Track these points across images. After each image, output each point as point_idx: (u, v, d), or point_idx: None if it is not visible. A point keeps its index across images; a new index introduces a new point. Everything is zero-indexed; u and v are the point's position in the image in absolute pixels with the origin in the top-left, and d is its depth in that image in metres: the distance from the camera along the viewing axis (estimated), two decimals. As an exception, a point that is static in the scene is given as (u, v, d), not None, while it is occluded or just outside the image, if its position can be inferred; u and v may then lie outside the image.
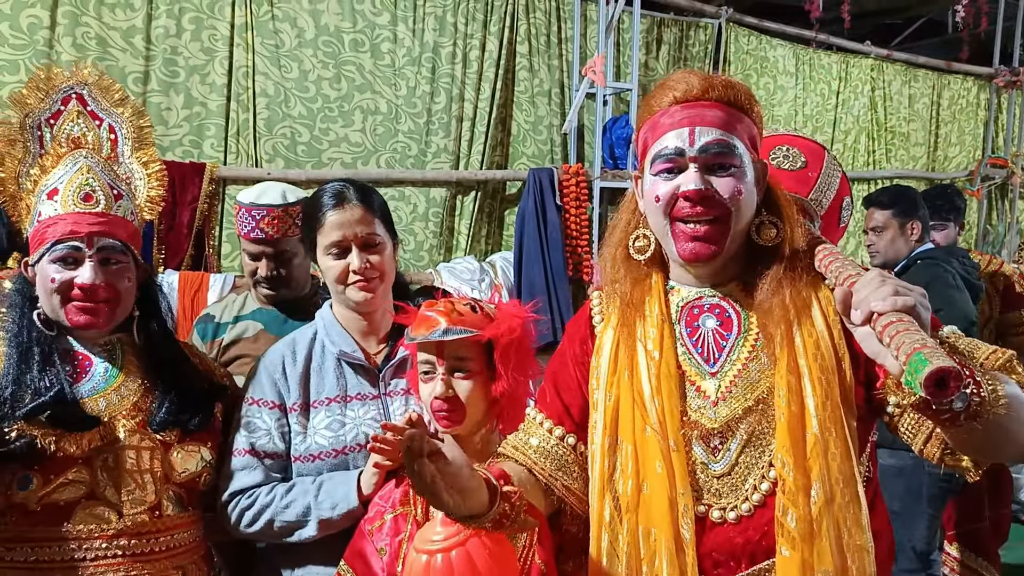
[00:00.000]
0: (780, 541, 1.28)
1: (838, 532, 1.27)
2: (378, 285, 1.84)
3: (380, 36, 4.26)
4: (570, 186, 4.62)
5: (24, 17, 3.46)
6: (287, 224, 2.39)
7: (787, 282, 1.36)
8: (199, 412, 1.74)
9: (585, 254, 4.69)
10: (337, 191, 1.83)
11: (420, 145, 4.41)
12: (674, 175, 1.36)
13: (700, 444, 1.36)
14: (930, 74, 6.52)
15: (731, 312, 1.42)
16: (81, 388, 1.64)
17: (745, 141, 1.38)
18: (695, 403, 1.38)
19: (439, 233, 4.47)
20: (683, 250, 1.37)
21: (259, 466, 1.78)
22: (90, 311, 1.64)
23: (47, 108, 1.76)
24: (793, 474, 1.27)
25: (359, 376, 1.85)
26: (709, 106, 1.36)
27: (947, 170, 6.69)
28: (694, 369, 1.40)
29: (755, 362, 1.37)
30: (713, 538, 1.34)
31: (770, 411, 1.33)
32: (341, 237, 1.80)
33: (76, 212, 1.65)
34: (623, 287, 1.46)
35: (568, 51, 4.85)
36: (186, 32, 3.81)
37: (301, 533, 1.74)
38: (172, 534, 1.67)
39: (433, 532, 1.41)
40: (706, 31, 5.35)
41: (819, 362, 1.31)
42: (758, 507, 1.33)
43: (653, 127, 1.40)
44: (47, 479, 1.56)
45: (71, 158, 1.71)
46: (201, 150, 3.88)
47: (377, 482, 1.71)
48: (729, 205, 1.34)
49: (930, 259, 3.33)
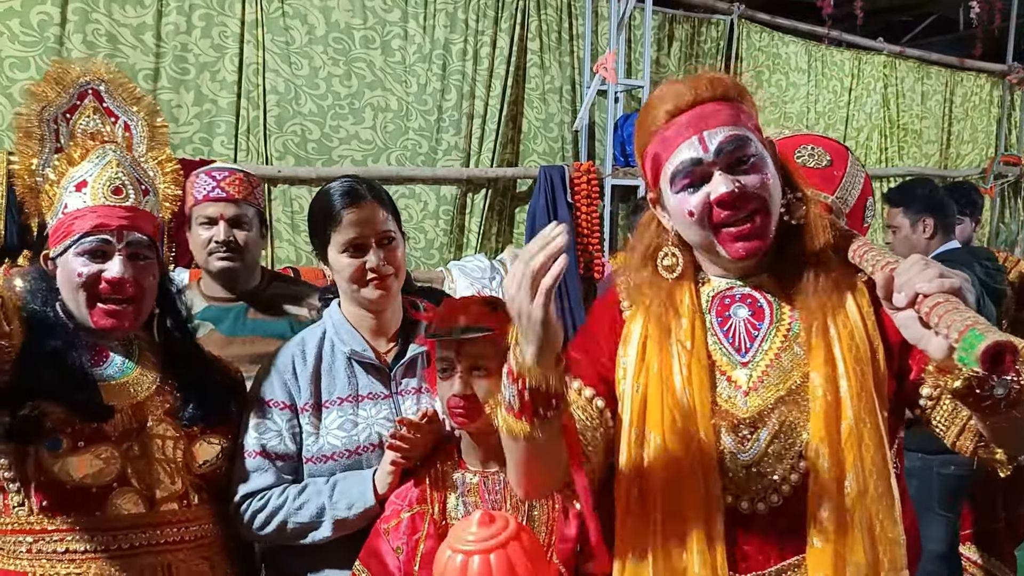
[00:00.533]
0: (812, 532, 1.27)
1: (871, 524, 1.26)
2: (393, 282, 1.82)
3: (391, 33, 4.25)
4: (581, 184, 4.61)
5: (34, 14, 3.46)
6: (248, 189, 2.36)
7: (821, 273, 1.35)
8: (222, 407, 1.75)
9: (596, 252, 4.67)
10: (350, 189, 1.81)
11: (430, 142, 4.39)
12: (699, 186, 1.33)
13: (730, 434, 1.34)
14: (943, 71, 6.49)
15: (763, 302, 1.40)
16: (100, 372, 1.63)
17: (751, 128, 1.35)
18: (726, 393, 1.36)
19: (449, 231, 4.45)
20: (735, 251, 1.34)
21: (271, 467, 1.76)
22: (116, 314, 1.62)
23: (64, 102, 1.74)
24: (827, 464, 1.26)
25: (370, 375, 1.83)
26: (706, 107, 1.33)
27: (959, 167, 6.66)
28: (725, 359, 1.39)
29: (788, 352, 1.36)
30: (743, 530, 1.32)
31: (802, 401, 1.32)
32: (359, 234, 1.77)
33: (106, 205, 1.63)
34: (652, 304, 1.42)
35: (579, 48, 4.83)
36: (196, 29, 3.80)
37: (315, 534, 1.72)
38: (200, 524, 1.67)
39: (468, 532, 1.40)
40: (718, 28, 5.33)
41: (853, 352, 1.30)
42: (788, 498, 1.31)
43: (660, 143, 1.35)
44: (76, 445, 1.55)
45: (100, 151, 1.69)
46: (211, 147, 3.86)
47: (392, 481, 1.69)
48: (763, 194, 1.32)
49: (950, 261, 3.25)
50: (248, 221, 2.36)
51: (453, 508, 1.65)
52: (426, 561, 1.57)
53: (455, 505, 1.65)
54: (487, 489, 1.64)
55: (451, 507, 1.65)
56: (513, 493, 1.61)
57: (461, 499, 1.65)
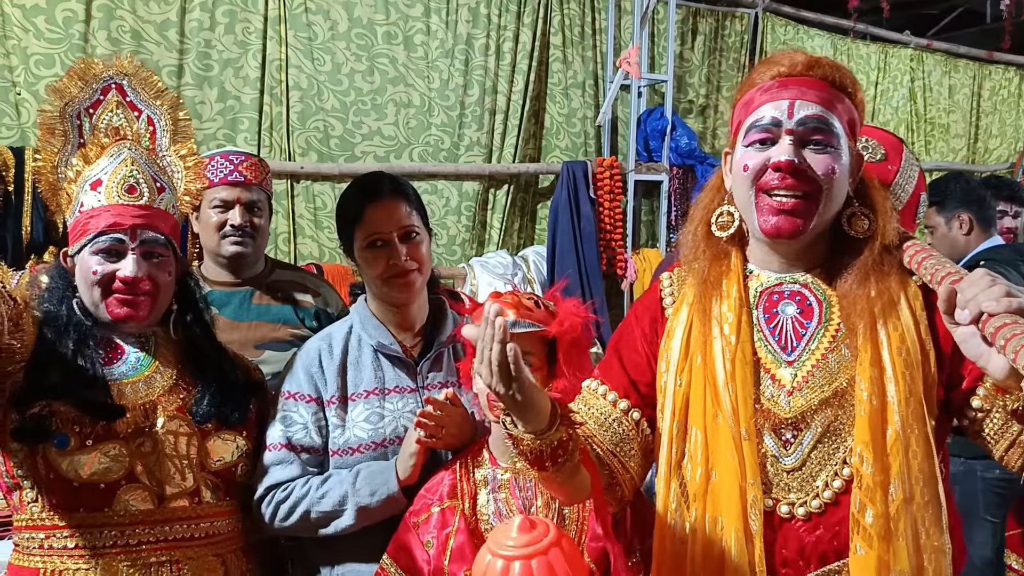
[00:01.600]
0: (855, 539, 1.24)
1: (915, 532, 1.23)
2: (417, 278, 1.82)
3: (413, 28, 4.23)
4: (604, 179, 4.57)
5: (59, 11, 3.48)
6: (262, 174, 2.37)
7: (874, 274, 1.31)
8: (238, 405, 1.73)
9: (619, 248, 4.64)
10: (375, 184, 1.81)
11: (453, 138, 4.38)
12: (767, 146, 1.32)
13: (771, 435, 1.32)
14: (970, 64, 6.39)
15: (812, 300, 1.37)
16: (112, 371, 1.64)
17: (844, 125, 1.34)
18: (769, 391, 1.34)
19: (471, 227, 4.44)
20: (765, 224, 1.32)
21: (295, 460, 1.76)
22: (131, 303, 1.63)
23: (87, 97, 1.74)
24: (872, 470, 1.24)
25: (396, 369, 1.83)
26: (812, 83, 1.33)
27: (987, 162, 6.56)
28: (770, 356, 1.36)
29: (835, 353, 1.33)
30: (782, 535, 1.30)
31: (848, 405, 1.29)
32: (381, 230, 1.78)
33: (120, 204, 1.63)
34: (701, 264, 1.42)
35: (602, 42, 4.79)
36: (220, 25, 3.80)
37: (338, 523, 1.72)
38: (212, 521, 1.66)
39: (508, 537, 1.40)
40: (742, 21, 5.27)
41: (903, 357, 1.27)
42: (830, 505, 1.29)
43: (751, 101, 1.37)
44: (83, 443, 1.55)
45: (115, 149, 1.69)
46: (234, 143, 3.86)
47: (415, 464, 1.69)
48: (821, 183, 1.30)
49: (993, 262, 3.17)
50: (261, 206, 2.37)
51: (484, 504, 1.64)
52: (456, 556, 1.57)
53: (486, 501, 1.64)
54: (518, 486, 1.64)
55: (482, 503, 1.64)
56: (544, 491, 1.60)
57: (492, 495, 1.64)
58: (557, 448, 1.26)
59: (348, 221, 1.82)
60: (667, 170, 4.76)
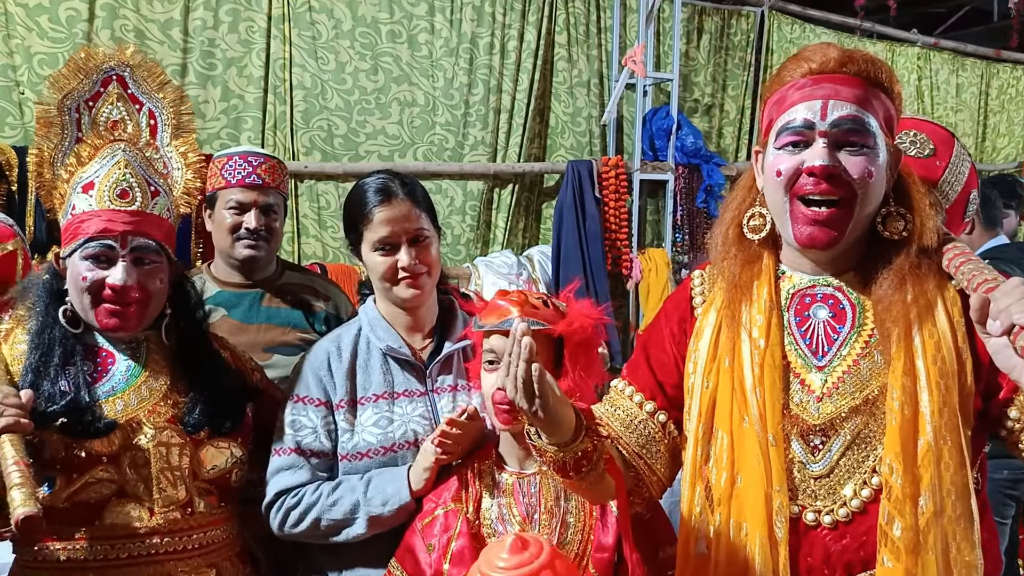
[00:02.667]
0: (883, 551, 1.22)
1: (946, 546, 1.20)
2: (426, 281, 1.79)
3: (417, 27, 4.22)
4: (609, 178, 4.56)
5: (63, 10, 3.47)
6: (280, 177, 2.34)
7: (911, 278, 1.27)
8: (232, 414, 1.69)
9: (624, 248, 4.63)
10: (384, 185, 1.77)
11: (457, 137, 4.36)
12: (800, 149, 1.28)
13: (799, 441, 1.29)
14: (978, 63, 6.36)
15: (846, 304, 1.34)
16: (99, 389, 1.59)
17: (881, 122, 1.29)
18: (798, 397, 1.31)
19: (476, 227, 4.42)
20: (800, 233, 1.29)
21: (305, 465, 1.74)
22: (119, 314, 1.60)
23: (87, 89, 1.69)
24: (901, 481, 1.21)
25: (406, 372, 1.81)
26: (846, 80, 1.28)
27: (995, 161, 6.52)
28: (800, 361, 1.33)
29: (867, 359, 1.29)
30: (808, 542, 1.27)
31: (879, 413, 1.26)
32: (390, 233, 1.75)
33: (111, 209, 1.59)
34: (732, 267, 1.39)
35: (607, 41, 4.77)
36: (223, 24, 3.79)
37: (349, 531, 1.70)
38: (205, 531, 1.63)
39: (499, 557, 1.38)
40: (748, 20, 5.25)
41: (939, 366, 1.23)
42: (857, 514, 1.26)
43: (782, 99, 1.32)
44: (70, 479, 1.53)
45: (108, 151, 1.65)
46: (238, 143, 3.84)
47: (428, 478, 1.67)
48: (856, 187, 1.26)
49: (999, 260, 3.14)
50: (277, 210, 2.34)
51: (487, 509, 1.63)
52: (456, 559, 1.56)
53: (489, 506, 1.63)
54: (522, 491, 1.62)
55: (486, 507, 1.63)
56: (548, 497, 1.59)
57: (496, 500, 1.63)
58: (581, 459, 1.26)
59: (357, 221, 1.80)
60: (672, 169, 4.74)
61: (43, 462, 1.51)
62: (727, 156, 5.18)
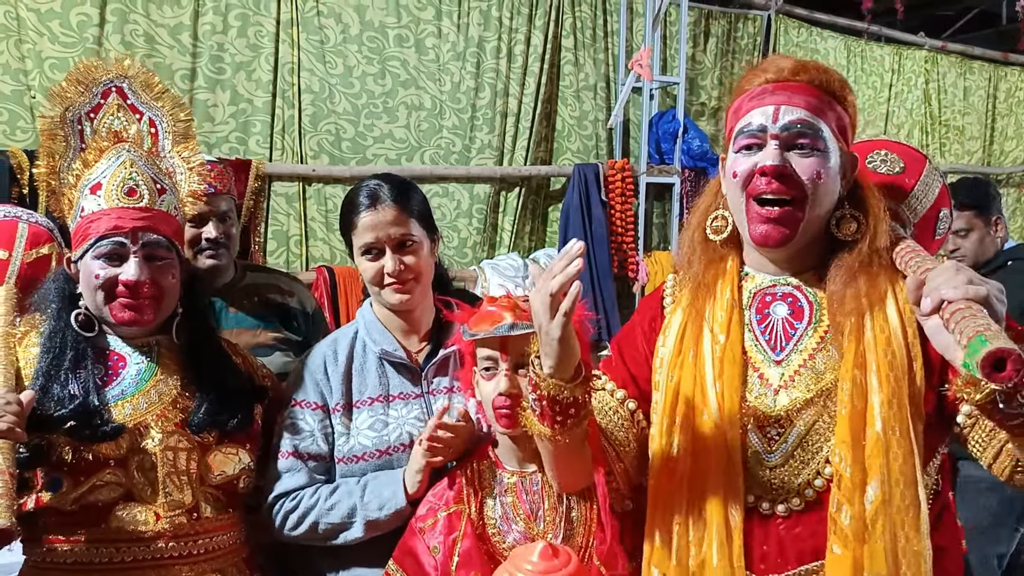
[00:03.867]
0: (832, 539, 1.25)
1: (894, 534, 1.22)
2: (414, 286, 1.80)
3: (424, 31, 4.24)
4: (615, 182, 4.57)
5: (74, 15, 3.50)
6: (228, 181, 2.34)
7: (862, 274, 1.33)
8: (238, 413, 1.70)
9: (631, 251, 4.63)
10: (371, 191, 1.79)
11: (464, 141, 4.38)
12: (754, 152, 1.35)
13: (756, 433, 1.34)
14: (986, 66, 6.34)
15: (803, 301, 1.39)
16: (108, 393, 1.61)
17: (832, 127, 1.36)
18: (756, 390, 1.36)
19: (483, 230, 4.44)
20: (754, 232, 1.36)
21: (303, 468, 1.75)
22: (135, 307, 1.61)
23: (87, 102, 1.71)
24: (850, 470, 1.24)
25: (401, 375, 1.82)
26: (798, 88, 1.35)
27: (1003, 164, 6.50)
28: (759, 356, 1.38)
29: (823, 353, 1.34)
30: (762, 531, 1.32)
31: (832, 405, 1.30)
32: (374, 239, 1.77)
33: (120, 207, 1.61)
34: (696, 267, 1.45)
35: (614, 45, 4.79)
36: (232, 29, 3.82)
37: (347, 535, 1.72)
38: (211, 536, 1.64)
39: (528, 561, 1.40)
40: (755, 23, 5.25)
41: (888, 358, 1.27)
42: (811, 503, 1.30)
43: (739, 108, 1.40)
44: (77, 481, 1.54)
45: (114, 152, 1.67)
46: (247, 147, 3.89)
47: (422, 480, 1.68)
48: (807, 187, 1.32)
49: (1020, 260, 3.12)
50: (231, 215, 2.34)
51: (491, 508, 1.63)
52: (463, 561, 1.56)
53: (492, 505, 1.63)
54: (525, 490, 1.63)
55: (488, 507, 1.64)
56: (551, 494, 1.61)
57: (499, 499, 1.64)
58: (570, 404, 1.27)
59: (346, 226, 1.83)
60: (679, 172, 4.74)
61: (51, 464, 1.54)
62: (734, 159, 5.17)
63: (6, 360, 1.57)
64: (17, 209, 2.14)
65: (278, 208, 3.99)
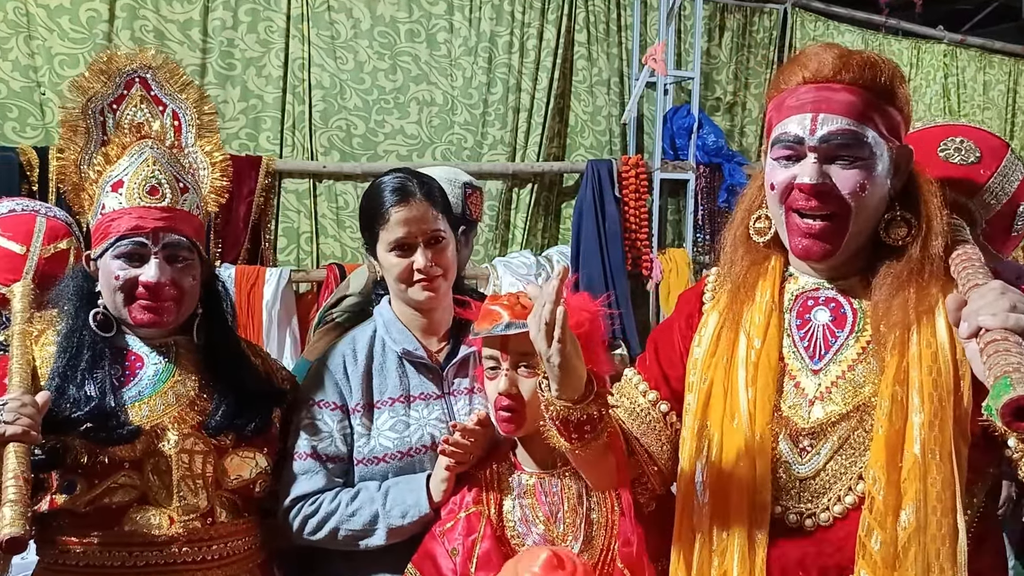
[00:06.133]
0: (860, 563, 1.20)
1: (927, 564, 1.16)
2: (442, 283, 1.77)
3: (436, 26, 4.21)
4: (629, 178, 4.53)
5: (83, 11, 3.49)
6: None
7: (912, 283, 1.25)
8: (256, 416, 1.67)
9: (644, 248, 4.59)
10: (402, 185, 1.75)
11: (476, 137, 4.35)
12: (792, 163, 1.28)
13: (788, 442, 1.29)
14: (1006, 60, 6.26)
15: (847, 308, 1.33)
16: (125, 394, 1.58)
17: (880, 130, 1.26)
18: (791, 399, 1.30)
19: (495, 227, 4.40)
20: (796, 245, 1.30)
21: (321, 470, 1.72)
22: (155, 309, 1.58)
23: (110, 93, 1.68)
24: (884, 493, 1.18)
25: (422, 375, 1.79)
26: (840, 89, 1.26)
27: (1023, 160, 6.43)
28: (797, 363, 1.32)
29: (864, 365, 1.28)
30: (785, 543, 1.27)
31: (870, 420, 1.24)
32: (406, 234, 1.72)
33: (142, 206, 1.58)
34: (737, 268, 1.40)
35: (628, 39, 4.74)
36: (242, 24, 3.80)
37: (369, 542, 1.68)
38: (226, 542, 1.61)
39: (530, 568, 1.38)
40: (771, 17, 5.19)
41: (933, 376, 1.19)
42: (839, 519, 1.25)
43: (778, 107, 1.32)
44: (92, 483, 1.51)
45: (136, 148, 1.64)
46: (257, 143, 3.88)
47: (447, 487, 1.65)
48: (849, 201, 1.24)
49: None
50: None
51: (510, 511, 1.62)
52: (483, 562, 1.55)
53: (511, 507, 1.62)
54: (544, 491, 1.61)
55: (507, 509, 1.62)
56: (571, 496, 1.59)
57: (517, 501, 1.62)
58: (584, 422, 1.26)
59: (373, 221, 1.77)
60: (694, 168, 4.70)
61: (66, 466, 1.51)
62: (749, 155, 5.12)
63: (23, 359, 1.54)
64: (35, 203, 2.12)
65: (288, 205, 3.97)
